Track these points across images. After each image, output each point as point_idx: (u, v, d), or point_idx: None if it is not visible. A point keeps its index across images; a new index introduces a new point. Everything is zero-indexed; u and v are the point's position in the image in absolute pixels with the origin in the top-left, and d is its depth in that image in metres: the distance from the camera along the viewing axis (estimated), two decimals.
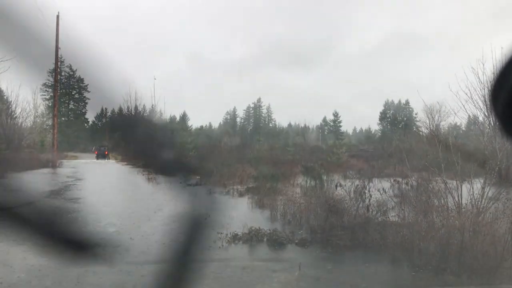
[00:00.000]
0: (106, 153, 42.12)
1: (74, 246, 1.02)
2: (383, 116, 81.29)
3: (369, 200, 7.10)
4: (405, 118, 79.24)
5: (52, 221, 1.00)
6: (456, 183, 6.81)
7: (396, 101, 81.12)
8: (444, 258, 5.51)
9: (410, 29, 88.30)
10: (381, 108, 79.93)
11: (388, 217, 6.86)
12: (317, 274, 5.07)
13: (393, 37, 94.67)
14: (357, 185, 7.72)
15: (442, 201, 6.78)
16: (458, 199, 6.68)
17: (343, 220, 6.74)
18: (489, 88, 1.25)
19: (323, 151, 38.02)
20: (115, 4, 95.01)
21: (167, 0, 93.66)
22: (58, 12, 24.19)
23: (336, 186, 7.94)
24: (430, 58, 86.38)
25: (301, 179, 14.81)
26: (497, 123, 1.16)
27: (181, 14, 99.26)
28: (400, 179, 8.54)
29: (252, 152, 27.82)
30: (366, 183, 7.51)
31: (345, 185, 9.26)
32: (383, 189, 7.29)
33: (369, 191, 7.48)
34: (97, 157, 40.78)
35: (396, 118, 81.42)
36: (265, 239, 6.35)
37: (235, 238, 6.32)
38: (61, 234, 1.00)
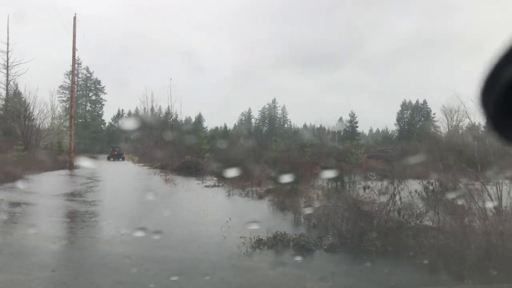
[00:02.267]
0: (116, 153, 42.38)
1: None
2: (400, 117, 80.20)
3: (401, 203, 6.68)
4: (422, 118, 77.99)
5: None
6: (496, 185, 6.37)
7: (413, 102, 79.91)
8: (487, 266, 5.09)
9: (433, 29, 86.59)
10: (398, 109, 78.80)
11: (422, 221, 6.45)
12: (352, 284, 4.69)
13: (415, 37, 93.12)
14: (386, 186, 7.30)
15: (480, 204, 6.34)
16: (499, 202, 6.25)
17: (373, 224, 6.34)
18: (480, 88, 1.13)
19: (341, 152, 37.46)
20: (131, 5, 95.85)
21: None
22: (75, 14, 24.29)
23: (365, 188, 7.53)
24: (451, 58, 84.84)
25: (321, 180, 14.42)
26: (488, 124, 1.14)
27: (198, 14, 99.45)
28: (432, 181, 8.07)
29: (269, 153, 27.42)
30: (396, 184, 7.07)
31: (372, 187, 8.87)
32: (416, 191, 6.85)
33: (399, 193, 7.06)
34: (109, 158, 41.01)
35: (414, 118, 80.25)
36: (291, 244, 5.99)
37: (259, 243, 5.98)
38: None
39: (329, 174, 16.23)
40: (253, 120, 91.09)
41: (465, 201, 6.44)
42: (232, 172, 17.39)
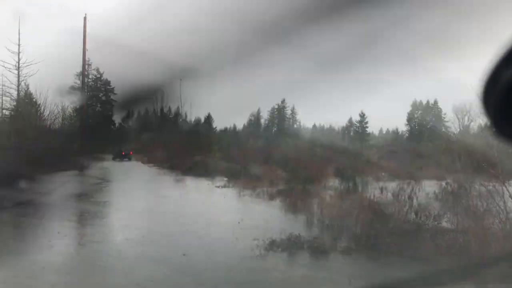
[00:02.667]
0: (124, 153, 42.44)
1: None
2: (410, 117, 79.39)
3: (418, 204, 6.50)
4: (433, 119, 77.20)
5: None
6: None
7: (424, 102, 78.99)
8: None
9: (447, 28, 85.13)
10: (408, 109, 78.02)
11: (440, 223, 6.27)
12: None
13: (430, 34, 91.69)
14: (402, 188, 7.12)
15: (502, 205, 6.13)
16: None
17: (389, 226, 6.17)
18: (481, 89, 1.14)
19: (351, 152, 37.07)
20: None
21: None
22: (85, 14, 24.38)
23: (382, 189, 7.35)
24: (464, 58, 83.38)
25: (333, 181, 14.22)
26: (490, 124, 1.15)
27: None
28: (448, 181, 7.87)
29: (279, 153, 27.20)
30: (412, 185, 6.90)
31: (386, 187, 8.69)
32: (434, 192, 6.67)
33: (415, 194, 6.88)
34: (114, 159, 41.02)
35: (424, 118, 79.43)
36: (305, 247, 5.85)
37: (273, 245, 5.85)
38: None
39: (340, 174, 16.08)
40: (262, 121, 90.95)
41: (485, 203, 6.25)
42: (242, 173, 17.35)
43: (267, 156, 25.97)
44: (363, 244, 5.94)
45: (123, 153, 42.56)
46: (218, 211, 9.55)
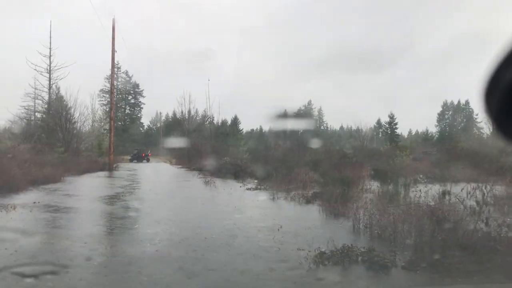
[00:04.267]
0: (144, 155, 42.81)
1: None
2: (441, 118, 76.73)
3: (489, 211, 5.63)
4: (464, 120, 74.20)
5: None
6: None
7: (455, 102, 76.45)
8: None
9: (483, 29, 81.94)
10: (438, 110, 75.62)
11: None
12: None
13: (464, 37, 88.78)
14: (470, 192, 6.25)
15: None
16: None
17: (457, 237, 5.32)
18: (483, 89, 1.07)
19: (383, 153, 35.81)
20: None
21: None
22: (114, 16, 24.33)
23: (445, 193, 6.49)
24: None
25: (371, 183, 13.32)
26: (492, 123, 1.17)
27: (239, 17, 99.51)
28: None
29: (309, 155, 26.31)
30: (485, 189, 6.01)
31: (434, 190, 7.84)
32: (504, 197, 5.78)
33: (483, 198, 6.00)
34: (131, 160, 41.37)
35: (455, 119, 76.39)
36: (359, 260, 5.07)
37: (322, 257, 5.10)
38: None
39: (379, 176, 15.15)
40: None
41: None
42: (273, 174, 16.65)
43: (297, 157, 25.20)
44: (427, 258, 5.12)
45: (143, 155, 43.01)
46: (255, 215, 8.87)
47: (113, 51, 22.69)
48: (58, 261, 5.13)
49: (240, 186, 14.85)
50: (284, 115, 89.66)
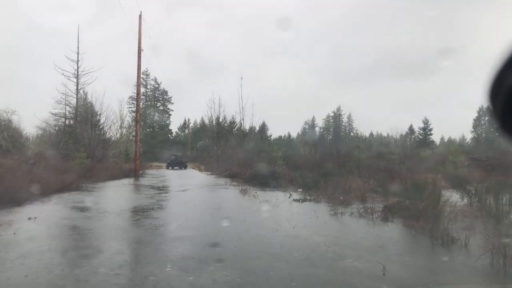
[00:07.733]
0: (182, 161, 41.07)
1: None
2: (476, 123, 72.47)
3: None
4: None
5: None
6: None
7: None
8: None
9: None
10: (474, 115, 71.62)
11: None
12: None
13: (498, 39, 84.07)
14: None
15: None
16: None
17: None
18: (488, 89, 1.04)
19: (427, 159, 33.06)
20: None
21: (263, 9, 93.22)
22: (140, 12, 22.82)
23: None
24: None
25: (448, 194, 10.88)
26: (497, 123, 1.14)
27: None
28: None
29: (352, 161, 23.87)
30: None
31: None
32: None
33: None
34: (168, 167, 39.75)
35: (492, 124, 71.77)
36: None
37: None
38: None
39: (453, 185, 12.61)
40: (316, 129, 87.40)
41: None
42: (319, 182, 14.41)
43: (338, 163, 22.86)
44: None
45: (183, 161, 41.43)
46: (320, 240, 6.59)
47: (140, 48, 21.17)
48: None
49: (285, 197, 12.63)
50: (312, 122, 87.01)
